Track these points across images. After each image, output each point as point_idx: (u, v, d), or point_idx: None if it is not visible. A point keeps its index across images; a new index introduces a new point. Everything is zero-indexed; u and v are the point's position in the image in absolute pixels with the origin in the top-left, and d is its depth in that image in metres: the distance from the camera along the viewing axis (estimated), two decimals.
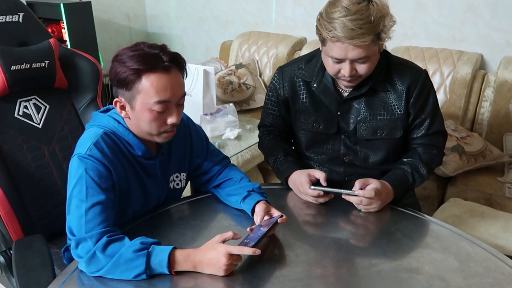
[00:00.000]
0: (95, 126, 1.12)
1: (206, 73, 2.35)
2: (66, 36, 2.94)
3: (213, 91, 2.42)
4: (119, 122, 1.13)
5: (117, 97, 1.09)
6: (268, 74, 3.18)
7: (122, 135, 1.12)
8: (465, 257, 1.09)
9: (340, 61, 1.22)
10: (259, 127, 1.59)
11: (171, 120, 1.09)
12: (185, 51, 3.92)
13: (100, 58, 3.20)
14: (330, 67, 1.26)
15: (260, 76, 3.19)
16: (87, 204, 1.02)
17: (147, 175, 1.19)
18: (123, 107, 1.09)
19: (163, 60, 1.04)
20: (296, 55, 3.07)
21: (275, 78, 1.46)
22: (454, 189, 2.20)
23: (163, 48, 1.07)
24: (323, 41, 1.24)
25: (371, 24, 1.15)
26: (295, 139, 1.52)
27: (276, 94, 1.46)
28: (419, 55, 2.59)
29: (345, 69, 1.23)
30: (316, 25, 1.23)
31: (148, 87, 1.03)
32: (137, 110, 1.07)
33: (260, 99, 3.05)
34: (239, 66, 3.12)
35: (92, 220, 1.01)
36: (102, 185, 1.05)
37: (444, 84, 2.51)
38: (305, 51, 2.96)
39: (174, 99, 1.08)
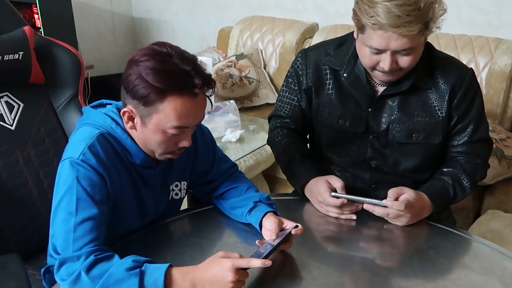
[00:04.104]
0: (89, 125, 1.13)
1: (202, 65, 2.36)
2: (39, 23, 2.95)
3: None
4: (117, 123, 1.13)
5: (125, 106, 1.09)
6: (273, 66, 3.19)
7: (119, 138, 1.13)
8: (510, 280, 1.09)
9: (380, 51, 1.22)
10: (270, 117, 1.59)
11: (183, 144, 1.12)
12: (176, 40, 3.94)
13: (79, 48, 3.21)
14: (367, 58, 1.26)
15: (265, 68, 3.20)
16: (77, 218, 1.02)
17: (145, 185, 1.20)
18: (131, 118, 1.10)
19: (194, 84, 1.03)
20: (306, 44, 3.08)
21: (297, 63, 1.47)
22: (492, 199, 2.20)
23: (196, 65, 1.05)
24: (361, 27, 1.23)
25: (420, 11, 1.14)
26: (314, 137, 1.52)
27: (298, 81, 1.46)
28: (450, 43, 2.59)
29: (384, 62, 1.23)
30: (353, 9, 1.23)
31: (170, 111, 1.04)
32: (149, 129, 1.08)
33: (264, 95, 3.06)
34: (240, 56, 3.13)
35: (81, 238, 1.01)
36: (95, 197, 1.05)
37: (479, 77, 2.51)
38: (316, 39, 2.97)
39: (194, 124, 1.10)
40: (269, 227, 1.16)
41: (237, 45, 3.33)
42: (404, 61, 1.24)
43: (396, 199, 1.26)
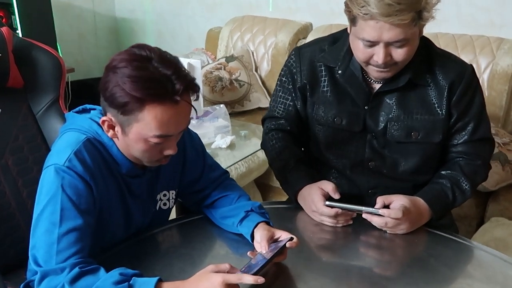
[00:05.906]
0: (75, 130, 1.13)
1: (190, 68, 2.38)
2: (17, 23, 2.95)
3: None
4: (103, 129, 1.14)
5: (105, 114, 1.10)
6: (265, 68, 3.21)
7: (106, 145, 1.14)
8: None
9: (373, 44, 1.24)
10: (264, 119, 1.61)
11: (168, 152, 1.12)
12: (162, 41, 3.95)
13: (59, 50, 3.21)
14: (361, 52, 1.29)
15: (256, 70, 3.22)
16: (61, 229, 1.03)
17: (131, 194, 1.21)
18: (111, 126, 1.10)
19: (175, 90, 1.02)
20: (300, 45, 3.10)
21: (291, 61, 1.49)
22: (496, 206, 2.22)
23: (178, 68, 1.04)
24: (352, 19, 1.26)
25: None
26: (311, 138, 1.53)
27: (292, 79, 1.48)
28: (450, 43, 2.62)
29: (378, 55, 1.25)
30: (345, 1, 1.26)
31: (150, 120, 1.04)
32: (131, 138, 1.08)
33: (256, 99, 3.08)
34: (230, 58, 3.15)
35: (65, 250, 1.02)
36: (80, 206, 1.06)
37: (481, 79, 2.54)
38: (310, 40, 2.99)
39: (177, 132, 1.10)
40: (261, 239, 1.16)
41: (226, 47, 3.34)
42: (398, 54, 1.26)
43: (386, 206, 1.28)
